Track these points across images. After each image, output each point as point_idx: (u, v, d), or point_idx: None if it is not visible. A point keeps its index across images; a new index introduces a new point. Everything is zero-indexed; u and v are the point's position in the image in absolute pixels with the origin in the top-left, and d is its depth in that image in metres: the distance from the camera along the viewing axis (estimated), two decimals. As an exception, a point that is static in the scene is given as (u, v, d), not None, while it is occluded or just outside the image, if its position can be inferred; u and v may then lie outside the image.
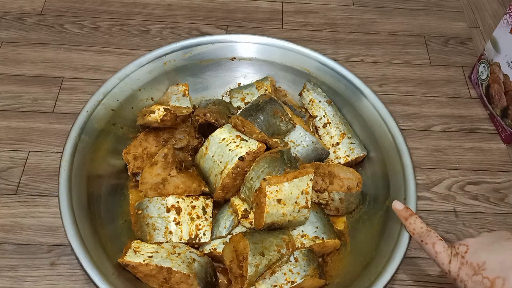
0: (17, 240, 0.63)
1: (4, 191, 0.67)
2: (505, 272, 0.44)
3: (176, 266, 0.54)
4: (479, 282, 0.46)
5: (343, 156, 0.67)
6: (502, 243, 0.47)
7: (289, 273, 0.56)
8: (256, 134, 0.61)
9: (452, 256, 0.49)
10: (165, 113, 0.63)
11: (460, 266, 0.48)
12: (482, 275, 0.46)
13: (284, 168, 0.59)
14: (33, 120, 0.74)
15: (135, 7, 0.91)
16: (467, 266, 0.47)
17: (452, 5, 0.98)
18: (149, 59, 0.70)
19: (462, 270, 0.47)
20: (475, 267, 0.46)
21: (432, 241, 0.51)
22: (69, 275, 0.61)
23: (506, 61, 0.74)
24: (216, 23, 0.90)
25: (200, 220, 0.60)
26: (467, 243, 0.49)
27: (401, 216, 0.55)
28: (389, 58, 0.88)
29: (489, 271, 0.45)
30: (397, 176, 0.62)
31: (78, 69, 0.81)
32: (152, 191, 0.61)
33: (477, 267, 0.46)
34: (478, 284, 0.46)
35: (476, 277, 0.46)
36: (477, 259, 0.47)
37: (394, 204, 0.56)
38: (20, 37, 0.84)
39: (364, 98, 0.68)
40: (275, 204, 0.55)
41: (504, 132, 0.77)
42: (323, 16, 0.93)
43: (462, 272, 0.47)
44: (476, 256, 0.47)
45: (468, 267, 0.47)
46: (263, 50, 0.74)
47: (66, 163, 0.59)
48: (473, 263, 0.47)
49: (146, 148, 0.65)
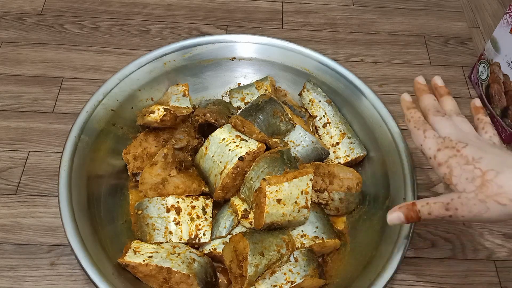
0: (17, 240, 0.63)
1: (4, 191, 0.67)
2: (501, 167, 0.44)
3: (176, 266, 0.54)
4: (469, 170, 0.45)
5: (343, 156, 0.67)
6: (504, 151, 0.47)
7: (289, 273, 0.56)
8: (256, 134, 0.61)
9: (443, 147, 0.48)
10: (165, 113, 0.63)
11: (451, 156, 0.47)
12: (474, 166, 0.45)
13: (284, 168, 0.59)
14: (33, 120, 0.74)
15: (135, 7, 0.91)
16: (460, 157, 0.46)
17: (452, 5, 0.98)
18: (149, 59, 0.70)
19: (453, 159, 0.47)
20: (469, 159, 0.46)
21: (425, 128, 0.50)
22: (69, 275, 0.61)
23: (506, 61, 0.74)
24: (216, 23, 0.90)
25: (200, 220, 0.60)
26: (467, 142, 0.47)
27: (405, 106, 0.54)
28: (389, 58, 0.88)
29: (483, 164, 0.45)
30: (397, 176, 0.62)
31: (78, 69, 0.81)
32: (152, 191, 0.61)
33: (471, 159, 0.46)
34: (466, 171, 0.45)
35: (467, 166, 0.45)
36: (473, 154, 0.46)
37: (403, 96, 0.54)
38: (20, 37, 0.84)
39: (364, 98, 0.68)
40: (275, 204, 0.55)
41: (504, 132, 0.77)
42: (323, 16, 0.93)
43: (452, 160, 0.47)
44: (474, 152, 0.46)
45: (460, 158, 0.46)
46: (263, 50, 0.74)
47: (66, 163, 0.59)
48: (468, 156, 0.46)
49: (146, 148, 0.65)
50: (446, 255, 0.66)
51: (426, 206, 0.48)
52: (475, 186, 0.45)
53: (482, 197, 0.44)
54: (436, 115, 0.51)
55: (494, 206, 0.44)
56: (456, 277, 0.64)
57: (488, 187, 0.44)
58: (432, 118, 0.51)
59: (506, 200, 0.43)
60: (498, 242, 0.67)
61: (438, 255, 0.66)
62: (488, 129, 0.51)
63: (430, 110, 0.52)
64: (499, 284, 0.64)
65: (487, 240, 0.67)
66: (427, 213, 0.48)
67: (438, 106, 0.52)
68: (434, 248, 0.66)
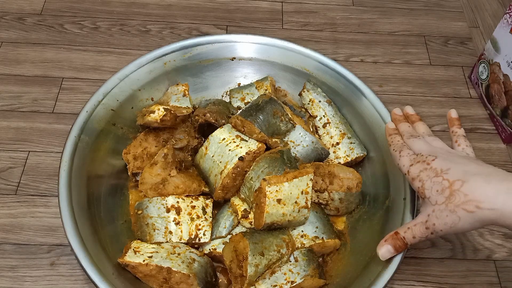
0: (17, 240, 0.63)
1: (4, 191, 0.67)
2: (467, 177, 0.46)
3: (176, 266, 0.54)
4: (438, 182, 0.48)
5: (343, 156, 0.67)
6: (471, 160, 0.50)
7: (289, 273, 0.56)
8: (256, 134, 0.61)
9: (415, 162, 0.52)
10: (165, 113, 0.63)
11: (422, 170, 0.50)
12: (442, 177, 0.48)
13: (284, 168, 0.59)
14: (33, 120, 0.74)
15: (135, 7, 0.91)
16: (430, 170, 0.50)
17: (452, 5, 0.98)
18: (149, 59, 0.70)
19: (423, 173, 0.50)
20: (438, 171, 0.49)
21: (401, 149, 0.55)
22: (69, 275, 0.61)
23: (506, 61, 0.74)
24: (216, 23, 0.90)
25: (200, 220, 0.60)
26: (436, 155, 0.51)
27: (387, 132, 0.59)
28: (389, 58, 0.88)
29: (450, 175, 0.48)
30: (397, 176, 0.62)
31: (78, 69, 0.81)
32: (152, 191, 0.61)
33: (440, 171, 0.49)
34: (436, 184, 0.48)
35: (436, 178, 0.48)
36: (442, 166, 0.49)
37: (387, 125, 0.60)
38: (20, 37, 0.84)
39: (364, 98, 0.68)
40: (275, 204, 0.55)
41: (504, 132, 0.77)
42: (323, 16, 0.93)
43: (423, 173, 0.50)
44: (442, 164, 0.49)
45: (430, 171, 0.50)
46: (263, 50, 0.74)
47: (66, 163, 0.59)
48: (437, 168, 0.49)
49: (146, 148, 0.65)
50: (446, 255, 0.66)
51: (408, 231, 0.51)
52: (444, 197, 0.47)
53: (452, 207, 0.46)
54: (410, 138, 0.56)
55: (464, 215, 0.45)
56: (456, 277, 0.64)
57: (455, 197, 0.46)
58: (407, 141, 0.56)
59: (473, 207, 0.45)
60: (498, 242, 0.67)
61: (438, 255, 0.66)
62: (461, 142, 0.55)
63: (405, 135, 0.57)
64: (499, 284, 0.64)
65: (487, 240, 0.67)
66: (412, 237, 0.50)
67: (412, 131, 0.58)
68: (434, 248, 0.66)
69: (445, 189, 0.47)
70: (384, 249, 0.52)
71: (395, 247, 0.52)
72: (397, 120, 0.61)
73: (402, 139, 0.57)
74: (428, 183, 0.49)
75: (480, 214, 0.44)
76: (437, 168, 0.49)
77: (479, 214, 0.44)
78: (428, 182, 0.49)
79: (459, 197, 0.46)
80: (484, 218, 0.45)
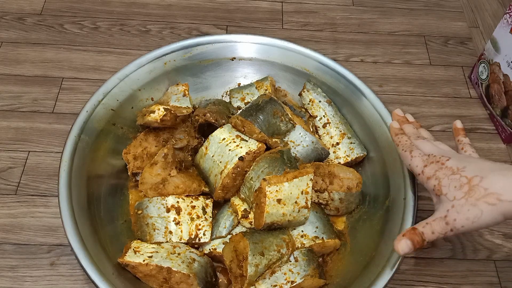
0: (17, 240, 0.63)
1: (4, 191, 0.67)
2: (484, 172, 0.47)
3: (176, 266, 0.54)
4: (456, 179, 0.48)
5: (343, 156, 0.67)
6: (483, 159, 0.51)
7: (289, 273, 0.56)
8: (256, 134, 0.61)
9: (428, 162, 0.52)
10: (165, 113, 0.63)
11: (438, 169, 0.51)
12: (460, 174, 0.48)
13: (284, 168, 0.59)
14: (33, 120, 0.74)
15: (135, 7, 0.91)
16: (446, 169, 0.50)
17: (452, 5, 0.98)
18: (149, 59, 0.70)
19: (439, 172, 0.50)
20: (455, 169, 0.49)
21: (411, 149, 0.55)
22: (69, 275, 0.61)
23: (506, 61, 0.74)
24: (216, 23, 0.90)
25: (200, 220, 0.60)
26: (449, 156, 0.51)
27: (393, 132, 0.60)
28: (389, 58, 0.88)
29: (468, 172, 0.48)
30: (397, 176, 0.62)
31: (78, 69, 0.81)
32: (152, 191, 0.61)
33: (456, 169, 0.49)
34: (454, 180, 0.49)
35: (453, 176, 0.49)
36: (457, 165, 0.50)
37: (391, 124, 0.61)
38: (20, 37, 0.84)
39: (364, 98, 0.68)
40: (275, 204, 0.55)
41: (504, 132, 0.77)
42: (323, 16, 0.93)
43: (439, 172, 0.50)
44: (457, 163, 0.50)
45: (446, 170, 0.50)
46: (263, 50, 0.74)
47: (66, 163, 0.59)
48: (453, 167, 0.50)
49: (146, 148, 0.65)
50: (446, 255, 0.66)
51: (427, 227, 0.50)
52: (463, 193, 0.47)
53: (473, 201, 0.46)
54: (417, 139, 0.57)
55: (485, 208, 0.46)
56: (456, 277, 0.64)
57: (475, 191, 0.46)
58: (415, 141, 0.57)
59: (495, 200, 0.45)
60: (498, 242, 0.67)
61: (438, 255, 0.66)
62: (467, 148, 0.55)
63: (412, 136, 0.58)
64: (499, 284, 0.64)
65: (487, 240, 0.67)
66: (431, 233, 0.49)
67: (418, 133, 0.59)
68: (434, 248, 0.66)
69: (464, 185, 0.47)
70: (404, 244, 0.49)
71: (413, 242, 0.49)
72: (400, 121, 0.61)
73: (409, 139, 0.57)
74: (446, 180, 0.49)
75: (501, 207, 0.45)
76: (453, 167, 0.50)
77: (501, 206, 0.45)
78: (446, 180, 0.49)
79: (479, 191, 0.46)
80: (506, 210, 0.45)
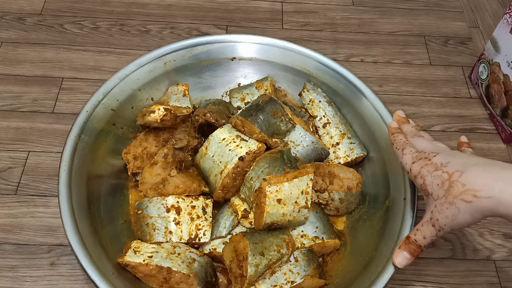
0: (17, 240, 0.63)
1: (4, 191, 0.67)
2: (465, 167, 0.46)
3: (176, 266, 0.54)
4: (438, 176, 0.48)
5: (343, 156, 0.67)
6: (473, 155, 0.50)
7: (289, 273, 0.56)
8: (256, 134, 0.61)
9: (417, 159, 0.52)
10: (165, 113, 0.63)
11: (423, 166, 0.50)
12: (442, 170, 0.48)
13: (284, 168, 0.59)
14: (33, 120, 0.74)
15: (135, 7, 0.91)
16: (430, 165, 0.50)
17: (452, 5, 0.98)
18: (149, 59, 0.70)
19: (424, 169, 0.50)
20: (438, 165, 0.49)
21: (404, 147, 0.55)
22: (69, 275, 0.61)
23: (506, 61, 0.74)
24: (216, 23, 0.90)
25: (200, 220, 0.60)
26: (438, 151, 0.51)
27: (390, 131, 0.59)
28: (389, 58, 0.88)
29: (449, 167, 0.48)
30: (397, 176, 0.62)
31: (78, 69, 0.81)
32: (152, 191, 0.61)
33: (440, 165, 0.49)
34: (436, 177, 0.48)
35: (436, 172, 0.48)
36: (441, 160, 0.49)
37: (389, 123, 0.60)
38: (20, 37, 0.84)
39: (364, 98, 0.68)
40: (275, 204, 0.55)
41: (504, 132, 0.77)
42: (323, 16, 0.93)
43: (424, 169, 0.50)
44: (443, 159, 0.49)
45: (430, 166, 0.50)
46: (263, 50, 0.74)
47: (66, 163, 0.59)
48: (437, 162, 0.49)
49: (146, 148, 0.65)
50: (446, 255, 0.66)
51: (418, 233, 0.50)
52: (444, 190, 0.47)
53: (451, 199, 0.46)
54: (414, 137, 0.57)
55: (462, 206, 0.45)
56: (456, 277, 0.64)
57: (454, 188, 0.45)
58: (411, 139, 0.56)
59: (470, 197, 0.44)
60: (498, 242, 0.67)
61: (438, 255, 0.66)
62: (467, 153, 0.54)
63: (409, 134, 0.58)
64: (499, 284, 0.64)
65: (487, 240, 0.67)
66: (423, 238, 0.50)
67: (416, 132, 0.58)
68: (434, 248, 0.66)
69: (445, 182, 0.47)
70: (400, 257, 0.51)
71: (410, 252, 0.51)
72: (400, 122, 0.61)
73: (405, 138, 0.57)
74: (429, 178, 0.49)
75: (478, 204, 0.44)
76: (437, 163, 0.49)
77: (477, 203, 0.44)
78: (429, 177, 0.49)
79: (457, 187, 0.45)
80: (483, 207, 0.43)
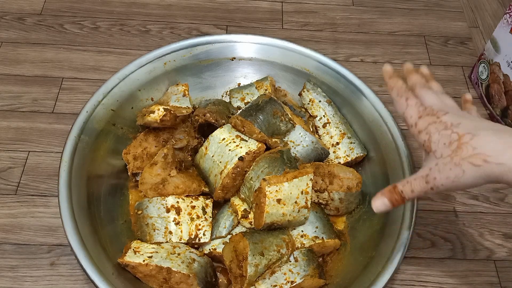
0: (17, 240, 0.63)
1: (4, 191, 0.67)
2: (477, 130, 0.44)
3: (176, 266, 0.54)
4: (447, 135, 0.46)
5: (343, 156, 0.67)
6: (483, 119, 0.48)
7: (289, 273, 0.56)
8: (256, 134, 0.61)
9: (424, 114, 0.49)
10: (165, 113, 0.63)
11: (431, 123, 0.48)
12: (452, 131, 0.46)
13: (284, 168, 0.59)
14: (33, 120, 0.74)
15: (135, 7, 0.91)
16: (439, 123, 0.47)
17: (452, 5, 0.98)
18: (149, 59, 0.70)
19: (432, 126, 0.47)
20: (448, 125, 0.46)
21: (407, 96, 0.51)
22: (69, 275, 0.61)
23: (506, 61, 0.74)
24: (216, 23, 0.90)
25: (200, 220, 0.60)
26: (447, 111, 0.48)
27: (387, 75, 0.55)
28: (389, 58, 0.88)
29: (460, 128, 0.45)
30: (397, 176, 0.62)
31: (78, 69, 0.81)
32: (152, 191, 0.61)
33: (450, 125, 0.46)
34: (444, 136, 0.46)
35: (445, 131, 0.46)
36: (452, 120, 0.47)
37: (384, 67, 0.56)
38: (20, 37, 0.84)
39: (364, 98, 0.68)
40: (274, 204, 0.55)
41: (504, 132, 0.77)
42: (323, 16, 0.93)
43: (432, 126, 0.47)
44: (453, 119, 0.47)
45: (439, 124, 0.47)
46: (263, 50, 0.74)
47: (66, 163, 0.59)
48: (447, 122, 0.47)
49: (146, 148, 0.65)
50: (446, 255, 0.66)
51: (407, 185, 0.49)
52: (451, 151, 0.45)
53: (457, 160, 0.44)
54: (423, 88, 0.52)
55: (469, 168, 0.43)
56: (456, 277, 0.64)
57: (463, 150, 0.44)
58: (419, 91, 0.52)
59: (480, 161, 0.43)
60: (498, 242, 0.67)
61: (438, 255, 0.66)
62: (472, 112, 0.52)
63: (418, 84, 0.53)
64: (499, 284, 0.64)
65: (487, 240, 0.67)
66: (410, 191, 0.48)
67: (426, 83, 0.54)
68: (434, 248, 0.66)
69: (453, 142, 0.45)
70: (379, 202, 0.50)
71: (391, 200, 0.49)
72: (409, 72, 0.56)
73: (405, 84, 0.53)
74: (436, 135, 0.47)
75: (486, 169, 0.43)
76: (447, 122, 0.47)
77: (486, 168, 0.43)
78: (436, 135, 0.47)
79: (466, 150, 0.44)
80: (490, 173, 0.43)
